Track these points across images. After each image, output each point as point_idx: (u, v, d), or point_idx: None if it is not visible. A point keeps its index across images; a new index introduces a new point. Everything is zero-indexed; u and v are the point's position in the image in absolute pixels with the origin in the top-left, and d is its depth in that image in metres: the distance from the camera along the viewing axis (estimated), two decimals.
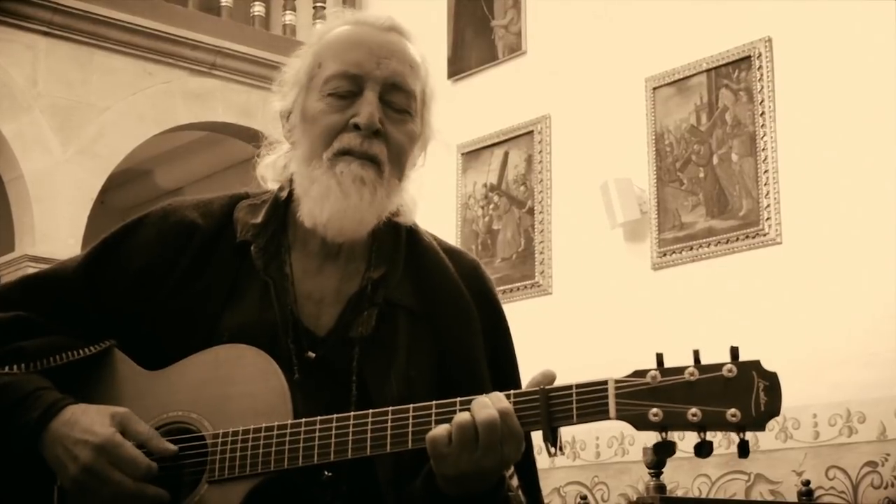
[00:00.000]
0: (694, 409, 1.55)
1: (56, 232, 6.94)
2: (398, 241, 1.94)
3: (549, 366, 1.85)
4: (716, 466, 5.43)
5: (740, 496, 5.33)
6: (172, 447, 1.75)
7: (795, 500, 4.98)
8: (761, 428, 1.54)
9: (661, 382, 1.58)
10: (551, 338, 5.95)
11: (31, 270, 7.01)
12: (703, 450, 1.56)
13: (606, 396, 1.59)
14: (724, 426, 1.55)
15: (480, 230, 6.79)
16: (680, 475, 5.39)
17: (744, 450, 1.56)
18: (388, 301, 1.89)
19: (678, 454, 5.47)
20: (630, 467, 5.78)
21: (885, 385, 4.97)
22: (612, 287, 6.09)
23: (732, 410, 1.54)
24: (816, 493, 4.97)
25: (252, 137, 8.87)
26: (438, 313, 1.91)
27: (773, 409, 1.54)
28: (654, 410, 1.57)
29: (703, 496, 5.40)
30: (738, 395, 1.55)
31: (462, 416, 1.62)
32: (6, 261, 7.05)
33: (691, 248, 5.81)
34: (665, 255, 5.92)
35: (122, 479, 1.71)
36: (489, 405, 1.62)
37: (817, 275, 5.32)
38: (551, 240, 6.46)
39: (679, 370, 1.58)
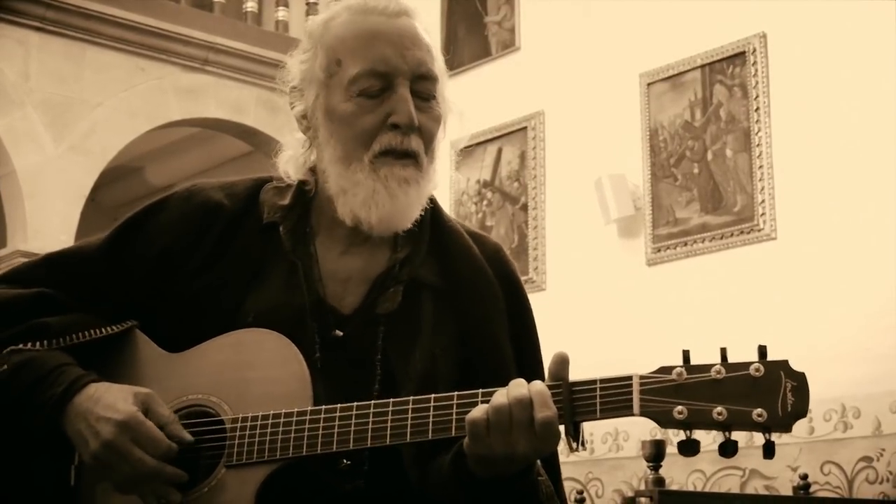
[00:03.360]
0: (719, 408, 1.52)
1: (48, 228, 6.93)
2: (423, 221, 1.92)
3: (543, 363, 1.84)
4: (710, 462, 5.43)
5: (735, 491, 5.33)
6: (189, 437, 1.74)
7: (791, 494, 4.97)
8: (787, 429, 1.51)
9: (686, 379, 1.55)
10: (545, 334, 5.89)
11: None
12: (728, 450, 1.54)
13: (631, 392, 1.57)
14: (750, 426, 1.51)
15: (473, 226, 6.77)
16: (674, 470, 5.38)
17: (769, 451, 1.52)
18: (413, 279, 1.88)
19: (672, 449, 5.42)
20: (624, 463, 5.77)
21: (880, 380, 4.97)
22: (606, 283, 6.09)
23: (759, 410, 1.51)
24: (811, 489, 4.97)
25: (244, 134, 8.89)
26: (463, 292, 1.90)
27: (801, 409, 1.51)
28: (679, 408, 1.54)
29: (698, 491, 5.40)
30: (764, 395, 1.52)
31: (498, 398, 1.61)
32: None
33: (685, 244, 5.81)
34: (659, 250, 5.91)
35: (142, 457, 1.70)
36: (524, 385, 1.61)
37: (812, 270, 5.31)
38: (545, 236, 6.45)
39: (705, 368, 1.55)
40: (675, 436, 1.60)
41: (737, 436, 1.53)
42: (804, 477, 4.90)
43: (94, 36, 7.25)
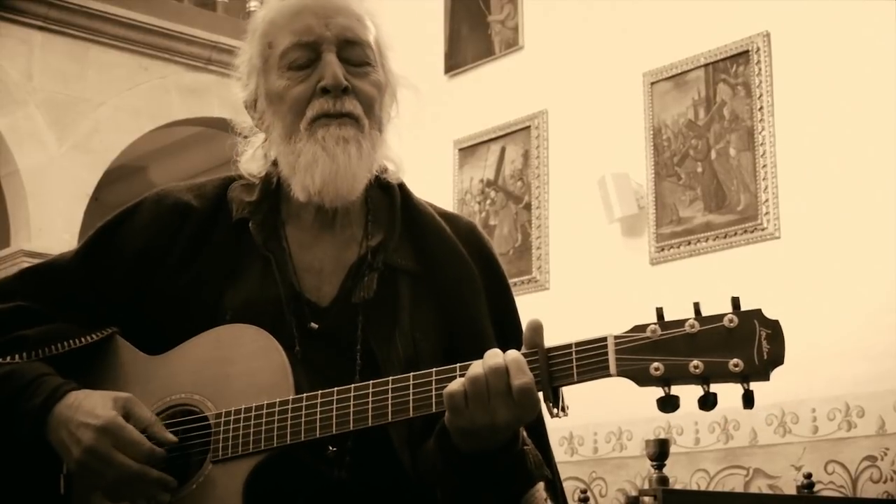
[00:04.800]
0: (696, 361, 1.53)
1: (52, 227, 6.93)
2: (393, 206, 1.94)
3: None
4: (714, 461, 5.42)
5: (739, 490, 5.32)
6: (172, 437, 1.75)
7: (794, 494, 4.97)
8: (766, 377, 1.51)
9: (661, 336, 1.56)
10: (549, 333, 5.89)
11: (26, 266, 6.98)
12: (708, 402, 1.53)
13: (606, 353, 1.57)
14: (728, 377, 1.52)
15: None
16: (678, 469, 5.37)
17: (748, 400, 1.52)
18: (388, 265, 1.88)
19: (676, 448, 5.40)
20: (628, 462, 5.76)
21: (884, 378, 4.96)
22: (609, 282, 6.08)
23: (735, 360, 1.51)
24: (815, 488, 4.96)
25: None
26: (439, 274, 1.90)
27: (777, 357, 1.51)
28: (656, 364, 1.54)
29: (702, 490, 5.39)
30: (740, 345, 1.52)
31: (474, 368, 1.61)
32: (1, 256, 7.04)
33: (689, 243, 5.80)
34: (663, 249, 5.91)
35: (124, 461, 1.71)
36: (499, 354, 1.61)
37: (815, 269, 5.31)
38: (548, 235, 6.44)
39: (679, 322, 1.56)
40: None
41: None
42: (808, 476, 4.89)
43: (97, 35, 7.26)
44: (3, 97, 6.89)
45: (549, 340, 1.86)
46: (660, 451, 4.49)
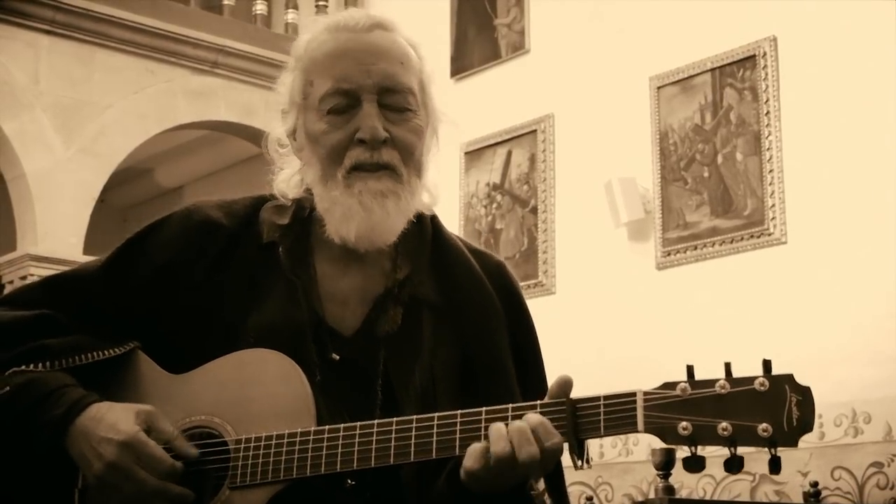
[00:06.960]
0: (724, 424, 1.52)
1: (58, 231, 6.92)
2: (423, 238, 1.93)
3: (552, 365, 1.82)
4: (720, 467, 5.39)
5: (745, 497, 5.31)
6: (194, 451, 1.75)
7: (801, 500, 4.95)
8: (794, 444, 1.50)
9: (690, 395, 1.55)
10: (554, 338, 5.87)
11: (33, 269, 6.93)
12: (734, 465, 1.53)
13: (635, 409, 1.56)
14: (755, 441, 1.51)
15: (483, 229, 6.76)
16: (684, 475, 5.36)
17: (775, 465, 1.52)
18: (412, 297, 1.88)
19: (682, 453, 5.39)
20: (634, 467, 5.75)
21: (891, 384, 4.95)
22: (615, 287, 6.07)
23: (764, 425, 1.50)
24: (822, 494, 4.95)
25: (253, 136, 8.94)
26: (462, 308, 1.89)
27: (806, 424, 1.50)
28: (684, 424, 1.54)
29: (708, 497, 5.37)
30: (769, 410, 1.51)
31: (501, 448, 1.59)
32: (8, 260, 7.03)
33: (695, 248, 5.79)
34: (669, 254, 5.90)
35: (146, 477, 1.71)
36: (530, 440, 1.59)
37: (822, 274, 5.30)
38: (555, 239, 6.44)
39: (710, 383, 1.55)
40: (681, 449, 1.58)
41: (743, 450, 1.52)
42: (815, 484, 4.87)
43: (103, 38, 7.25)
44: (9, 101, 6.88)
45: (554, 344, 1.86)
46: (666, 461, 4.48)
